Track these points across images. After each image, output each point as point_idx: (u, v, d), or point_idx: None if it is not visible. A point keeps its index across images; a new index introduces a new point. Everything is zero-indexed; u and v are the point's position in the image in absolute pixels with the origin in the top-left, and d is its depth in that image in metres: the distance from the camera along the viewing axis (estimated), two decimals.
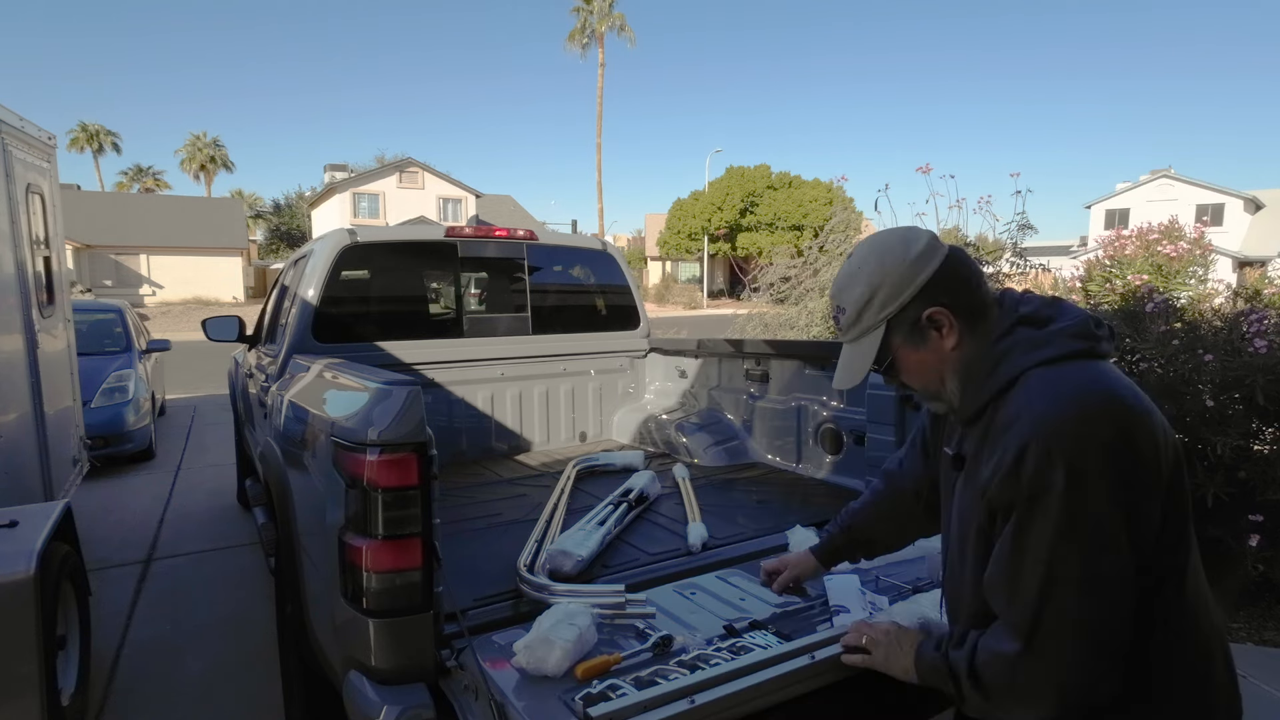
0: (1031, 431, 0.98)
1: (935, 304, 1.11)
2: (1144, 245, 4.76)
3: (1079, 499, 0.94)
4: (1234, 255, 27.81)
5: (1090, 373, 1.02)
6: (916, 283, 1.11)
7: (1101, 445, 0.95)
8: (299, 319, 3.17)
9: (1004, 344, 1.09)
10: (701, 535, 2.23)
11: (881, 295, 1.13)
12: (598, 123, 39.74)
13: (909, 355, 1.16)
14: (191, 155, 49.34)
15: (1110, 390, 1.00)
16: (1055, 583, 0.96)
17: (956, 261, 1.13)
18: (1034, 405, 1.01)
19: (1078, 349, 1.05)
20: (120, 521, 5.10)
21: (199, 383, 11.85)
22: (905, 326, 1.14)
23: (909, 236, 1.15)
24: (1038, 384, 1.03)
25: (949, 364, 1.14)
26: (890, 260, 1.13)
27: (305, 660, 2.14)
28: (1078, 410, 0.97)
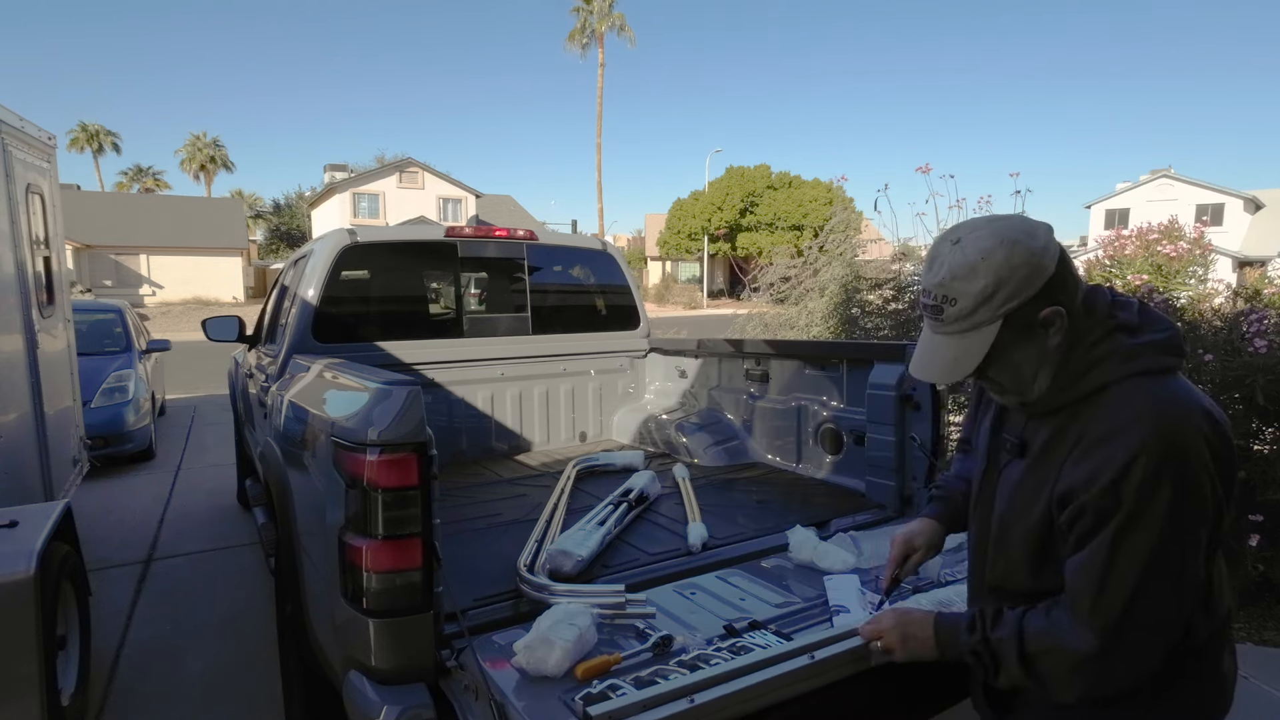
0: (1140, 446, 1.00)
1: (1053, 303, 1.08)
2: (1144, 245, 4.76)
3: (1180, 513, 1.00)
4: (1234, 255, 27.80)
5: (1186, 391, 1.07)
6: (1040, 279, 1.06)
7: (1204, 465, 1.01)
8: (299, 319, 3.17)
9: (1100, 349, 1.09)
10: (701, 535, 2.23)
11: (1006, 291, 1.07)
12: (598, 123, 39.80)
13: (1014, 351, 1.11)
14: (191, 155, 49.34)
15: (1207, 411, 1.05)
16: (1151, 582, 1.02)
17: (1067, 259, 1.10)
18: (1142, 421, 1.02)
19: (1171, 364, 1.08)
20: (120, 521, 5.10)
21: (199, 383, 11.84)
22: (1020, 323, 1.09)
23: (1033, 230, 1.09)
24: (1140, 398, 1.05)
25: (1048, 362, 1.11)
26: (1018, 255, 1.06)
27: (305, 660, 2.14)
28: (1185, 429, 1.02)
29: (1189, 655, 1.11)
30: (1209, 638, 1.13)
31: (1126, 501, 1.00)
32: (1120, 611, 1.03)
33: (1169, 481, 0.99)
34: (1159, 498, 0.99)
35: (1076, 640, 1.06)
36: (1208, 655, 1.14)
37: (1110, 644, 1.04)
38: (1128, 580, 1.02)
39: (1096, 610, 1.04)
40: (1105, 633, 1.04)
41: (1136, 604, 1.02)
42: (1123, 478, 1.00)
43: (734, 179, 37.66)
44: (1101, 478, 1.02)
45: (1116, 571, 1.02)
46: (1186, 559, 1.02)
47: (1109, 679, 1.06)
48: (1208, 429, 1.02)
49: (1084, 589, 1.05)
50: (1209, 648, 1.14)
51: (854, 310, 6.20)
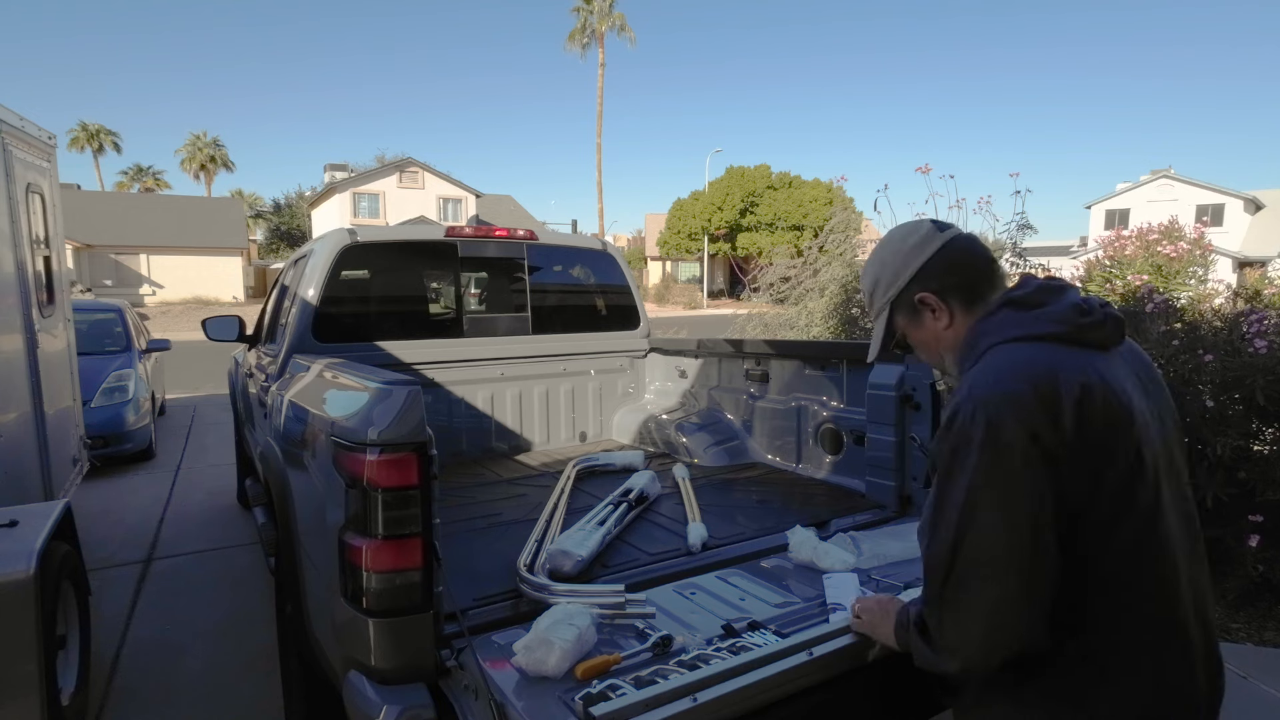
0: (965, 395, 1.07)
1: (926, 289, 1.23)
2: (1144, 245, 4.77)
3: (996, 452, 1.01)
4: (1234, 255, 27.81)
5: (1041, 352, 1.08)
6: (909, 270, 1.24)
7: (1021, 406, 1.01)
8: (299, 319, 3.17)
9: (985, 323, 1.17)
10: (701, 535, 2.23)
11: (884, 281, 1.28)
12: (598, 123, 39.79)
13: (913, 334, 1.29)
14: (191, 155, 49.32)
15: (1047, 366, 1.05)
16: (970, 526, 1.03)
17: (955, 249, 1.23)
18: (975, 374, 1.10)
19: (1048, 331, 1.10)
20: (120, 521, 5.10)
21: (199, 383, 11.85)
22: (905, 308, 1.27)
23: (910, 229, 1.28)
24: (990, 358, 1.11)
25: (944, 343, 1.25)
26: (889, 250, 1.29)
27: (305, 660, 2.14)
28: (1009, 375, 1.05)
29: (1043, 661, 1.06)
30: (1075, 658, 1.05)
31: (949, 442, 1.07)
32: (952, 541, 1.04)
33: (983, 421, 1.02)
34: (973, 436, 1.02)
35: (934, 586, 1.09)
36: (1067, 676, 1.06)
37: (950, 583, 1.05)
38: (953, 517, 1.04)
39: (931, 546, 1.07)
40: (943, 569, 1.05)
41: (966, 535, 1.03)
42: (948, 425, 1.08)
43: (734, 179, 37.66)
44: (943, 424, 1.10)
45: (941, 514, 1.06)
46: (1011, 502, 1.01)
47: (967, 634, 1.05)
48: (1043, 382, 1.03)
49: (923, 528, 1.10)
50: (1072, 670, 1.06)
51: (854, 310, 6.20)
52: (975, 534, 1.02)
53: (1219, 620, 3.30)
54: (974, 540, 1.02)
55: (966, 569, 1.03)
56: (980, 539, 1.02)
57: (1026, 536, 1.00)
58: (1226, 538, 3.35)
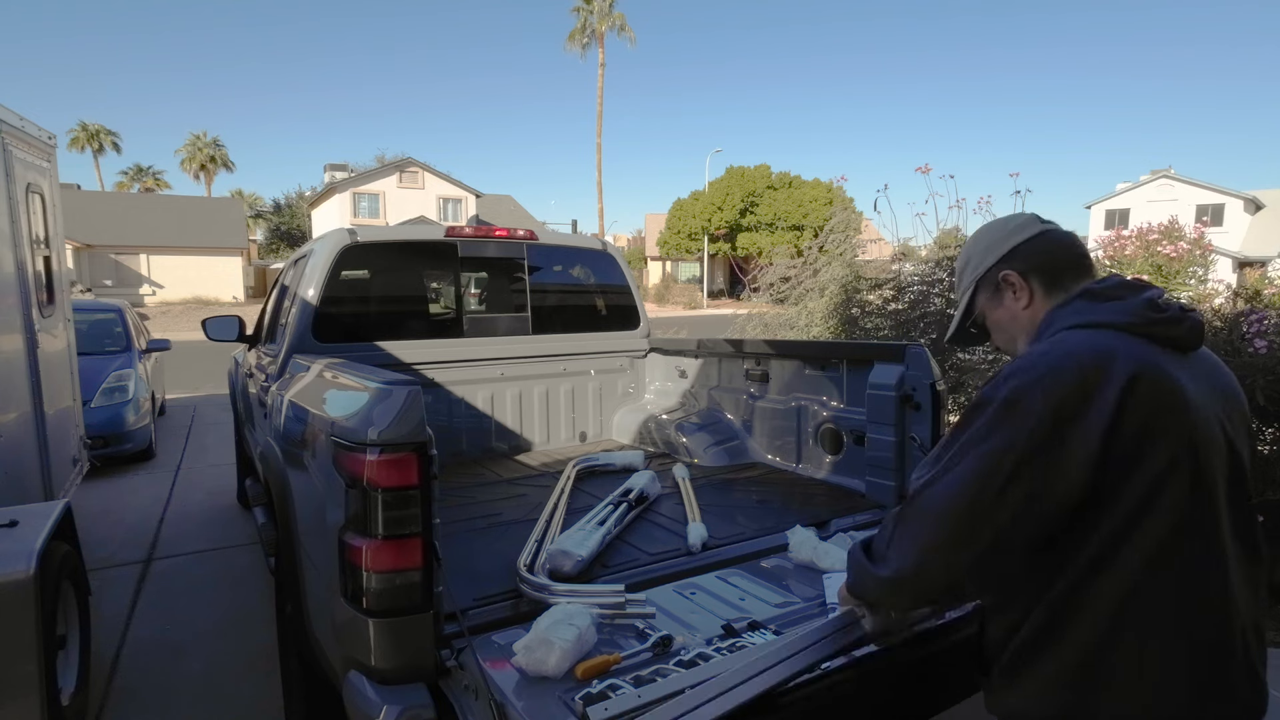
0: (1014, 365, 1.09)
1: (1010, 266, 1.25)
2: (1144, 245, 4.77)
3: (1012, 415, 1.03)
4: (1234, 255, 27.80)
5: (1098, 336, 1.08)
6: (1002, 249, 1.27)
7: (1055, 385, 1.02)
8: (299, 319, 3.17)
9: (1059, 311, 1.18)
10: (701, 535, 2.23)
11: (975, 261, 1.32)
12: (598, 123, 39.78)
13: (991, 313, 1.31)
14: (191, 155, 49.32)
15: (1100, 350, 1.04)
16: (961, 463, 1.07)
17: (1049, 237, 1.26)
18: (1034, 348, 1.12)
19: (1116, 321, 1.10)
20: (120, 521, 5.10)
21: (199, 383, 11.84)
22: (988, 286, 1.29)
23: (1011, 217, 1.32)
24: (1050, 339, 1.12)
25: (1020, 323, 1.25)
26: (989, 232, 1.32)
27: (305, 660, 2.14)
28: (1057, 354, 1.06)
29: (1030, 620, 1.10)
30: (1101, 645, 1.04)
31: (980, 393, 1.11)
32: (932, 474, 1.10)
33: (1007, 389, 1.05)
34: (995, 399, 1.06)
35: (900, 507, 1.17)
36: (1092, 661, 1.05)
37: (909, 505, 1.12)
38: (952, 449, 1.09)
39: (925, 473, 1.12)
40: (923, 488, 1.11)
41: (943, 476, 1.08)
42: (992, 377, 1.11)
43: (734, 179, 37.66)
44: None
45: (948, 445, 1.11)
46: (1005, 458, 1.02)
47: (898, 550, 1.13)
48: (1089, 366, 1.02)
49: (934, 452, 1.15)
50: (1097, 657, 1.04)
51: (854, 310, 6.20)
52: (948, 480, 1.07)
53: None
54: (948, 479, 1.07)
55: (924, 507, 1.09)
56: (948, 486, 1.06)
57: (993, 494, 1.03)
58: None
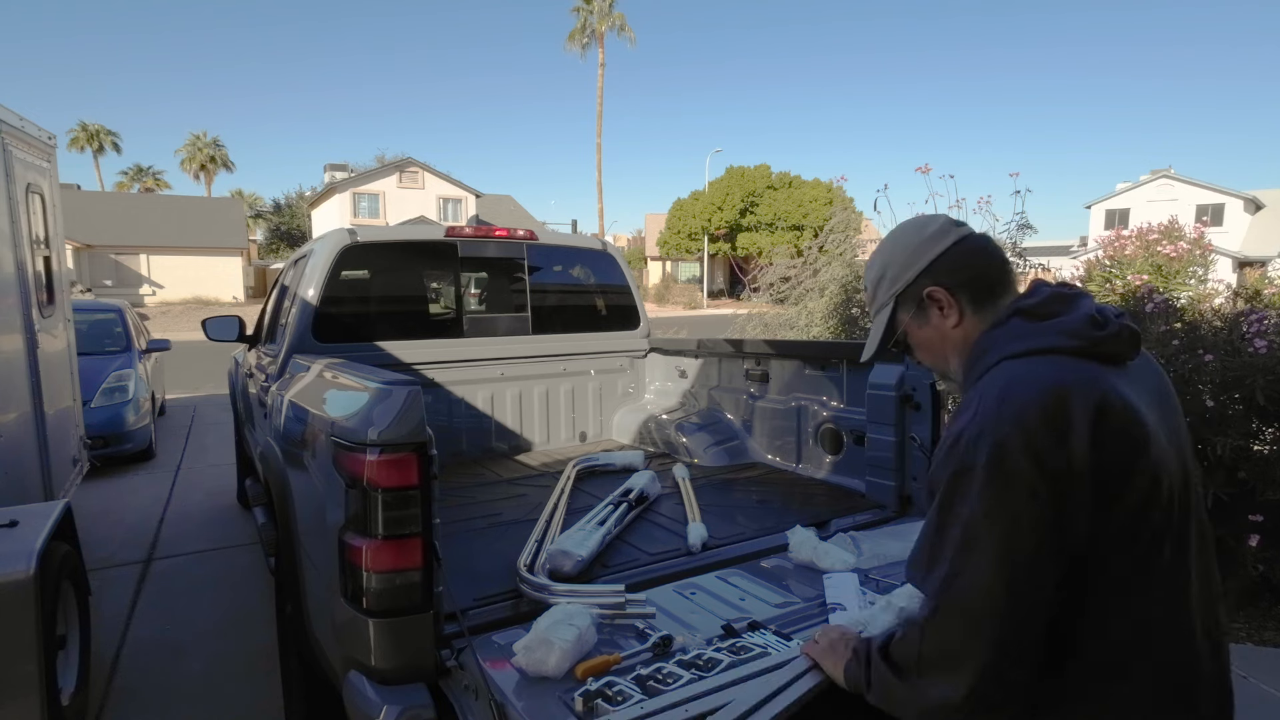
0: (971, 416, 1.00)
1: (937, 283, 1.15)
2: (1144, 245, 4.76)
3: (1000, 477, 0.94)
4: (1234, 255, 27.80)
5: (1052, 368, 1.00)
6: (921, 261, 1.17)
7: (1029, 432, 0.94)
8: (299, 319, 3.17)
9: (995, 333, 1.10)
10: (701, 535, 2.23)
11: (891, 273, 1.21)
12: (598, 123, 39.79)
13: (915, 332, 1.21)
14: (191, 155, 49.32)
15: (1058, 385, 0.97)
16: (971, 551, 0.96)
17: (971, 245, 1.17)
18: (983, 392, 1.01)
19: (1060, 345, 1.03)
20: (120, 521, 5.10)
21: (199, 383, 11.85)
22: (910, 303, 1.19)
23: (924, 220, 1.22)
24: (999, 374, 1.03)
25: (951, 343, 1.17)
26: (901, 241, 1.21)
27: (305, 660, 2.14)
28: (1016, 395, 0.97)
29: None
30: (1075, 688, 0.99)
31: (948, 470, 1.00)
32: (949, 565, 0.98)
33: (988, 446, 0.95)
34: (977, 460, 0.96)
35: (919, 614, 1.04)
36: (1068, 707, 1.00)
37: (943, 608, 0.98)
38: (954, 540, 0.98)
39: (930, 572, 1.01)
40: (937, 595, 0.99)
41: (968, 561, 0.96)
42: (952, 448, 1.00)
43: (734, 179, 37.65)
44: (944, 445, 1.04)
45: (945, 532, 0.99)
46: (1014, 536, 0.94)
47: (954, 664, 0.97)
48: (1053, 404, 0.95)
49: (920, 556, 1.04)
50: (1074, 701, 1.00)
51: (854, 310, 6.20)
52: (973, 568, 0.96)
53: None
54: (971, 575, 0.96)
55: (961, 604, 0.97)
56: (977, 574, 0.95)
57: (1024, 574, 0.94)
58: (1226, 538, 3.35)
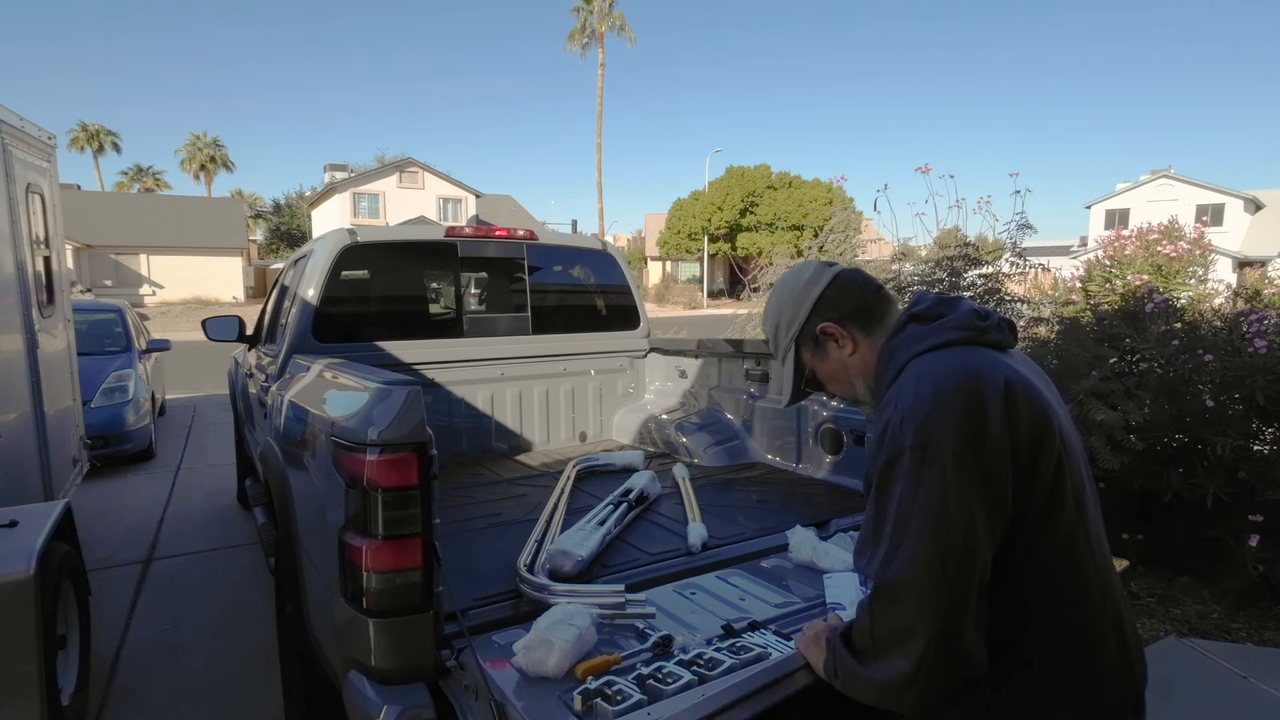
0: (894, 406, 1.07)
1: (824, 319, 1.27)
2: (1144, 245, 4.76)
3: (928, 456, 1.01)
4: (1234, 255, 27.80)
5: (957, 356, 1.10)
6: (807, 304, 1.28)
7: (949, 411, 1.02)
8: (299, 319, 3.17)
9: (894, 341, 1.20)
10: (701, 535, 2.23)
11: (785, 319, 1.32)
12: (598, 123, 39.77)
13: (820, 367, 1.32)
14: (191, 155, 49.32)
15: (968, 368, 1.07)
16: (906, 529, 1.01)
17: (845, 280, 1.29)
18: (901, 386, 1.10)
19: (956, 338, 1.13)
20: (120, 521, 5.10)
21: (199, 383, 11.85)
22: (809, 342, 1.30)
23: (798, 269, 1.34)
24: (911, 369, 1.12)
25: (853, 369, 1.28)
26: (785, 292, 1.33)
27: (305, 660, 2.14)
28: (933, 383, 1.06)
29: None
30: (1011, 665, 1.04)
31: (881, 458, 1.07)
32: (889, 544, 1.02)
33: (912, 430, 1.02)
34: (904, 445, 1.03)
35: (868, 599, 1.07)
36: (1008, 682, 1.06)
37: (889, 586, 1.02)
38: (892, 521, 1.03)
39: (875, 555, 1.05)
40: (882, 574, 1.02)
41: (904, 537, 1.01)
42: (880, 440, 1.08)
43: (734, 179, 37.65)
44: (874, 439, 1.11)
45: (885, 517, 1.04)
46: (948, 505, 0.98)
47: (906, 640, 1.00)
48: (968, 385, 1.03)
49: (864, 542, 1.09)
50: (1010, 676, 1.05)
51: None
52: (909, 544, 1.00)
53: (1219, 620, 3.31)
54: (908, 550, 1.00)
55: (902, 580, 1.00)
56: (914, 548, 0.99)
57: (958, 544, 0.98)
58: (1226, 538, 3.35)
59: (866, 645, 1.08)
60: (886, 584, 1.02)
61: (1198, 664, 2.94)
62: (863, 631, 1.09)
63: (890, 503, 1.04)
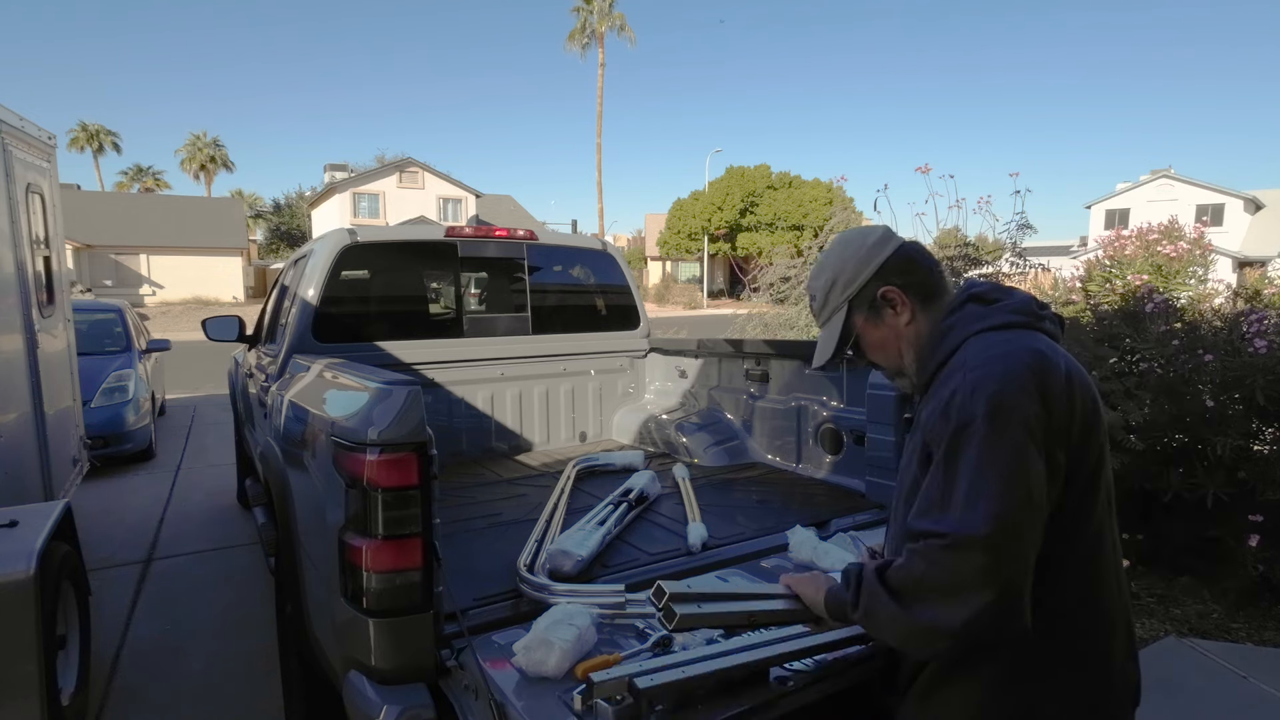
0: (962, 377, 1.09)
1: (888, 283, 1.25)
2: (1144, 245, 4.76)
3: (1001, 425, 1.03)
4: (1234, 255, 27.80)
5: (1022, 337, 1.13)
6: (872, 266, 1.26)
7: (1020, 386, 1.05)
8: (299, 319, 3.17)
9: (953, 318, 1.21)
10: (701, 535, 2.23)
11: (843, 279, 1.28)
12: (598, 123, 39.79)
13: (870, 332, 1.29)
14: (191, 155, 49.32)
15: (1035, 349, 1.10)
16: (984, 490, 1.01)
17: (910, 250, 1.28)
18: (967, 359, 1.12)
19: (1017, 321, 1.16)
20: (120, 521, 5.10)
21: (199, 383, 11.85)
22: (864, 305, 1.27)
23: (866, 230, 1.31)
24: (975, 344, 1.14)
25: (905, 339, 1.26)
26: (848, 249, 1.29)
27: (305, 660, 2.14)
28: (1002, 358, 1.08)
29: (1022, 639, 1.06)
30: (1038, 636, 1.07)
31: (952, 421, 1.07)
32: (964, 501, 1.02)
33: (984, 399, 1.04)
34: (976, 412, 1.04)
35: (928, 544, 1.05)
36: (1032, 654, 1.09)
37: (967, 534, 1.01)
38: (966, 480, 1.03)
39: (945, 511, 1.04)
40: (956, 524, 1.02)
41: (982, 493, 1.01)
42: (948, 407, 1.08)
43: (734, 179, 37.65)
44: (936, 410, 1.11)
45: (956, 478, 1.04)
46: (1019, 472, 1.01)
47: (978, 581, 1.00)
48: (1036, 364, 1.07)
49: (930, 503, 1.07)
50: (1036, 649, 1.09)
51: None
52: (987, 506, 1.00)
53: (1219, 620, 3.31)
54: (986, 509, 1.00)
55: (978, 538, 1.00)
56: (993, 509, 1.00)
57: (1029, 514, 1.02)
58: (1226, 538, 3.35)
59: (909, 588, 1.07)
60: (964, 536, 1.01)
61: (1198, 664, 2.94)
62: (910, 574, 1.07)
63: (962, 467, 1.04)
